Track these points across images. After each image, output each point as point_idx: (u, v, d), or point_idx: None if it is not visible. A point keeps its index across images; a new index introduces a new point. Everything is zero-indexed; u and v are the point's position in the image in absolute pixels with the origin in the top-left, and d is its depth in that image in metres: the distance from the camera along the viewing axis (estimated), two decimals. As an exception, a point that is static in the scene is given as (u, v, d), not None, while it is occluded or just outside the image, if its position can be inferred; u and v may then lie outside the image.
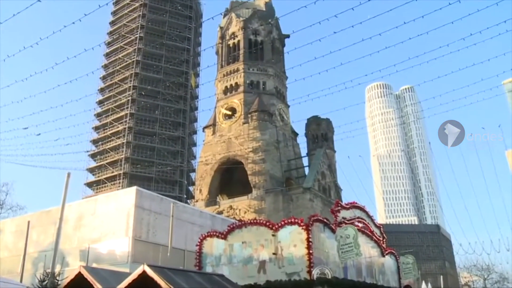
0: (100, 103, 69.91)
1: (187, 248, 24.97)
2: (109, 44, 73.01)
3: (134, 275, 10.57)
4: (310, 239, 18.15)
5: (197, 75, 75.37)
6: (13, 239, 29.29)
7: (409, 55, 26.78)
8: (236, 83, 65.92)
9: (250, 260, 19.32)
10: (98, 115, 69.28)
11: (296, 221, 19.01)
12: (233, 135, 61.86)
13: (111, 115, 66.41)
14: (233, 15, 71.08)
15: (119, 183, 60.22)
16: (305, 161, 67.40)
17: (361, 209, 25.40)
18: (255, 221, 21.34)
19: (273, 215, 49.64)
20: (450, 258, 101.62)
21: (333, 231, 20.05)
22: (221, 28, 71.70)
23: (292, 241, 18.54)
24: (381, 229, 27.91)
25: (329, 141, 68.27)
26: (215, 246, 20.52)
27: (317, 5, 23.30)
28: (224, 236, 20.42)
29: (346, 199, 62.49)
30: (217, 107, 65.77)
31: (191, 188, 68.84)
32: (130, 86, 66.05)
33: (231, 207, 57.88)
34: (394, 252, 28.83)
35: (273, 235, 19.00)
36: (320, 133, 68.42)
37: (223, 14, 72.88)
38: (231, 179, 61.68)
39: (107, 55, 72.64)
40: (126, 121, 64.22)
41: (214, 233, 20.95)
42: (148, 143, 63.79)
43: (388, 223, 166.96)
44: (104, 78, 71.39)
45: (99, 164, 65.49)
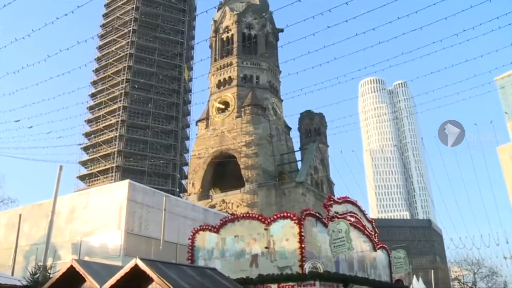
0: (92, 96, 69.61)
1: (180, 241, 24.99)
2: (102, 36, 72.63)
3: (126, 268, 10.54)
4: (302, 233, 18.18)
5: (190, 68, 75.19)
6: (4, 232, 29.23)
7: (402, 50, 26.97)
8: (229, 77, 65.83)
9: (242, 254, 19.35)
10: (90, 108, 69.00)
11: (288, 215, 19.02)
12: (226, 129, 61.85)
13: (104, 108, 66.16)
14: (227, 8, 70.89)
15: (112, 176, 60.09)
16: (298, 156, 67.66)
17: (354, 203, 25.44)
18: (247, 215, 21.34)
19: (265, 209, 49.76)
20: (441, 252, 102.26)
21: (325, 226, 20.08)
22: (215, 21, 71.50)
23: (284, 235, 18.56)
24: (373, 223, 27.99)
25: (322, 136, 68.46)
26: (207, 239, 20.51)
27: None
28: (216, 230, 20.41)
29: (338, 193, 62.75)
30: (210, 101, 65.68)
31: (184, 181, 68.81)
32: (123, 79, 65.79)
33: (223, 201, 57.95)
34: (385, 246, 28.95)
35: (266, 229, 19.01)
36: (313, 127, 68.60)
37: (217, 7, 72.73)
38: (224, 173, 61.71)
39: (100, 48, 72.26)
40: (119, 114, 64.02)
41: (206, 227, 20.93)
42: (141, 136, 63.64)
43: (380, 217, 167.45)
44: (97, 71, 71.06)
45: (91, 157, 65.28)
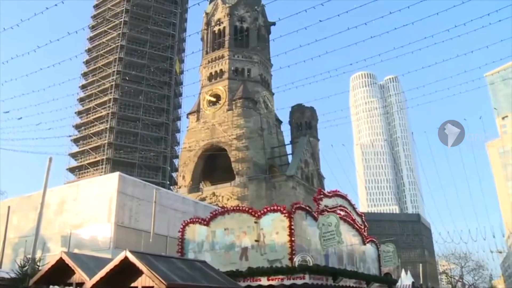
0: (83, 87, 69.23)
1: (170, 234, 24.99)
2: (93, 28, 72.17)
3: (116, 261, 10.56)
4: (292, 227, 18.23)
5: (181, 61, 75.00)
6: (-7, 224, 29.02)
7: (394, 45, 27.28)
8: (221, 70, 65.60)
9: (232, 246, 19.37)
10: (81, 100, 68.64)
11: (278, 208, 19.03)
12: (217, 122, 61.71)
13: (94, 100, 65.85)
14: (219, 1, 70.47)
15: (102, 168, 59.91)
16: (289, 149, 67.68)
17: (343, 197, 25.53)
18: (237, 208, 21.34)
19: (256, 202, 49.80)
20: (429, 246, 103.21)
21: (315, 219, 20.14)
22: (207, 14, 71.09)
23: (274, 229, 18.59)
24: (363, 217, 28.12)
25: (313, 130, 68.57)
26: (197, 232, 20.50)
27: (303, -7, 23.28)
28: (206, 222, 20.41)
29: (328, 187, 63.06)
30: (201, 94, 65.45)
31: (174, 174, 68.75)
32: (114, 71, 65.48)
33: (214, 193, 57.90)
34: (375, 240, 29.14)
35: (256, 222, 19.03)
36: (304, 121, 68.72)
37: (209, 0, 72.27)
38: (214, 166, 61.63)
39: (91, 39, 71.81)
40: (109, 106, 63.76)
41: (196, 220, 20.92)
42: (131, 128, 63.46)
43: (369, 211, 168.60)
44: (87, 62, 70.64)
45: (81, 149, 65.03)
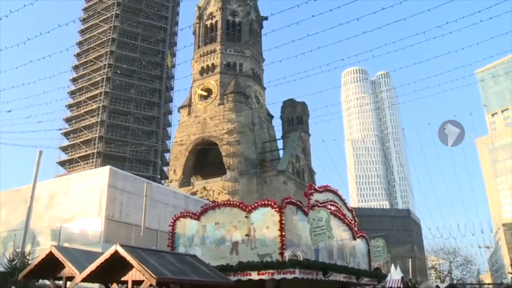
0: (74, 80, 68.82)
1: (160, 228, 24.97)
2: (84, 20, 71.67)
3: (106, 254, 10.53)
4: (282, 221, 18.23)
5: (173, 54, 74.72)
6: (-18, 217, 28.85)
7: (386, 41, 27.06)
8: (212, 64, 65.46)
9: (222, 241, 19.37)
10: (72, 93, 68.24)
11: (269, 203, 19.02)
12: (208, 116, 61.63)
13: (85, 93, 65.50)
14: (212, -5, 70.28)
15: (93, 162, 59.67)
16: (280, 144, 67.73)
17: (334, 192, 25.52)
18: (228, 203, 21.31)
19: (246, 197, 49.86)
20: (419, 242, 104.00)
21: (306, 214, 20.15)
22: (199, 8, 70.85)
23: (265, 223, 18.59)
24: (353, 212, 28.17)
25: (304, 125, 68.70)
26: (188, 226, 20.47)
27: (295, -12, 23.24)
28: (197, 217, 20.38)
29: (319, 182, 63.25)
30: (193, 88, 65.29)
31: (165, 168, 68.61)
32: (105, 64, 65.13)
33: (205, 188, 57.91)
34: (365, 235, 29.24)
35: (246, 217, 19.02)
36: (295, 116, 68.79)
37: (201, -7, 72.01)
38: (205, 160, 61.60)
39: (82, 32, 71.33)
40: (100, 100, 63.45)
41: (187, 214, 20.87)
42: (122, 122, 63.21)
43: (360, 207, 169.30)
44: (78, 55, 70.18)
45: (72, 142, 64.68)
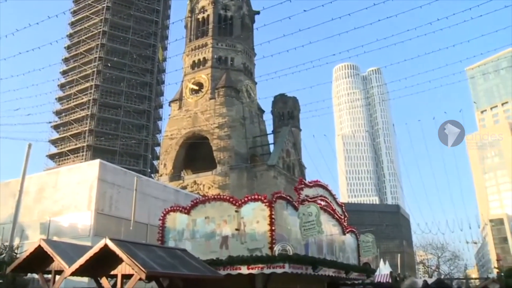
0: (64, 73, 68.40)
1: (150, 222, 24.91)
2: (74, 12, 71.16)
3: (95, 248, 10.51)
4: (272, 216, 18.28)
5: (164, 48, 74.45)
6: (-30, 210, 28.62)
7: (377, 36, 27.17)
8: (204, 58, 65.26)
9: (212, 235, 19.39)
10: (62, 86, 67.86)
11: (259, 197, 19.06)
12: (199, 110, 61.48)
13: (76, 86, 65.15)
14: (204, -12, 69.98)
15: (82, 155, 59.45)
16: (271, 139, 67.76)
17: (324, 187, 25.62)
18: (218, 197, 21.34)
19: (237, 191, 49.86)
20: (408, 237, 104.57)
21: (296, 209, 20.22)
22: (191, 1, 70.52)
23: (255, 218, 18.64)
24: (343, 207, 28.31)
25: (295, 119, 68.76)
26: (178, 220, 20.47)
27: (287, -17, 23.22)
28: (187, 211, 20.39)
29: (309, 177, 63.38)
30: (184, 82, 65.08)
31: (156, 162, 68.49)
32: (95, 57, 64.80)
33: (195, 182, 57.83)
34: (354, 230, 29.40)
35: (236, 211, 19.06)
36: (286, 111, 68.81)
37: (193, -13, 71.66)
38: (196, 154, 61.49)
39: (73, 24, 70.85)
40: (90, 93, 63.17)
41: (177, 208, 20.88)
42: (113, 115, 62.98)
43: (350, 202, 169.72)
44: (68, 48, 69.74)
45: (62, 136, 64.38)
